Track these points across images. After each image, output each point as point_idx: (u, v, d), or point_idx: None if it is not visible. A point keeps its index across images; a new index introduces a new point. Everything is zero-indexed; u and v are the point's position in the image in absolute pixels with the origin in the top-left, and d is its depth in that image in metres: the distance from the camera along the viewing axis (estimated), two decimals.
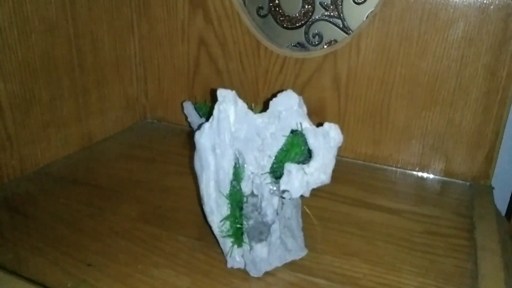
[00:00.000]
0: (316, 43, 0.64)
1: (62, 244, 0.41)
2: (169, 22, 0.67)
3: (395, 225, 0.46)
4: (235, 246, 0.37)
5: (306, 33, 0.64)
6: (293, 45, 0.65)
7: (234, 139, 0.35)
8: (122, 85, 0.69)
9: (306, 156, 0.34)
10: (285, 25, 0.65)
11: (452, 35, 0.52)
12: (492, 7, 0.49)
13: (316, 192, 0.36)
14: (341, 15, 0.61)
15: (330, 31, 0.62)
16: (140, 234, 0.43)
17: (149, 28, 0.69)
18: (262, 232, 0.36)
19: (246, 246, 0.36)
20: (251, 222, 0.36)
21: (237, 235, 0.36)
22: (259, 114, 0.36)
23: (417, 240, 0.44)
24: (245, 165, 0.36)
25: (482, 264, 0.39)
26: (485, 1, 0.49)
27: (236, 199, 0.36)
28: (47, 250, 0.40)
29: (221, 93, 0.35)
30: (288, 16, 0.64)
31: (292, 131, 0.34)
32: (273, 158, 0.35)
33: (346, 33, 0.61)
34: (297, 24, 0.64)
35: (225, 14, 0.63)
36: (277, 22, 0.65)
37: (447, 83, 0.54)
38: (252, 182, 0.36)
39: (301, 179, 0.32)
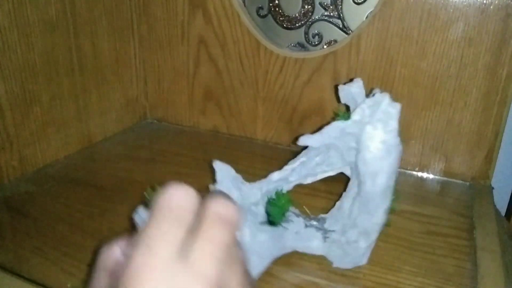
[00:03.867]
0: (316, 43, 0.64)
1: (62, 244, 0.41)
2: (169, 22, 0.67)
3: (395, 225, 0.46)
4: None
5: (306, 33, 0.64)
6: (293, 45, 0.66)
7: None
8: (122, 85, 0.69)
9: None
10: (285, 25, 0.65)
11: (452, 35, 0.52)
12: (492, 7, 0.49)
13: (316, 192, 0.36)
14: (341, 15, 0.61)
15: (330, 31, 0.62)
16: None
17: (149, 28, 0.69)
18: None
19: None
20: None
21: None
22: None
23: (417, 240, 0.44)
24: None
25: (482, 264, 0.39)
26: (485, 1, 0.49)
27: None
28: (47, 250, 0.40)
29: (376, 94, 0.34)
30: (288, 16, 0.64)
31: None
32: None
33: (346, 33, 0.61)
34: (297, 24, 0.64)
35: (225, 14, 0.63)
36: (277, 22, 0.65)
37: (447, 83, 0.54)
38: None
39: None
